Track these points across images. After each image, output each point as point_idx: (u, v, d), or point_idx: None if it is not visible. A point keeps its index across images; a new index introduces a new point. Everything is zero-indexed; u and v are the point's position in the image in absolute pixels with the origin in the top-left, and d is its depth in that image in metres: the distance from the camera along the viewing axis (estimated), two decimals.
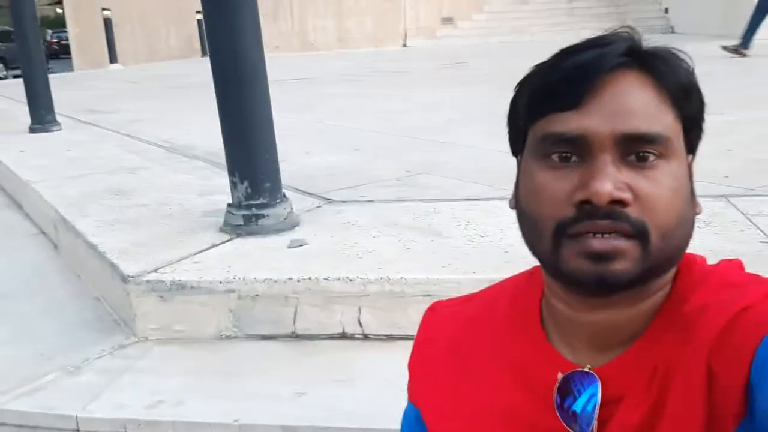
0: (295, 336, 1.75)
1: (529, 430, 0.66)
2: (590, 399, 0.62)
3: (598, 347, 0.63)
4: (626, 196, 0.55)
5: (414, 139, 3.59)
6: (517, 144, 0.65)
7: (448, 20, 14.70)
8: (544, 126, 0.59)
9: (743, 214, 2.00)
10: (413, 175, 2.76)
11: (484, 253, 1.80)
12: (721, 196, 2.17)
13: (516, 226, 0.64)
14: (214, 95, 2.07)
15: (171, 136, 4.03)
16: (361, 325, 1.71)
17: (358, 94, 5.89)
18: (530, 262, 0.66)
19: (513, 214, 0.66)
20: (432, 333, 0.78)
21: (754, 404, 0.53)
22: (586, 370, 0.63)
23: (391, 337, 1.69)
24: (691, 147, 0.63)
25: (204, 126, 4.25)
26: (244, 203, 2.09)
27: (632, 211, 0.56)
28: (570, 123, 0.57)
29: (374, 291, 1.68)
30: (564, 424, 0.63)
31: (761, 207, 2.05)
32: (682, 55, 0.61)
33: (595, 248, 0.56)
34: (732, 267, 0.65)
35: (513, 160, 0.67)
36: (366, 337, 1.71)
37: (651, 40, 0.61)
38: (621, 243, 0.56)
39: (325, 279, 1.71)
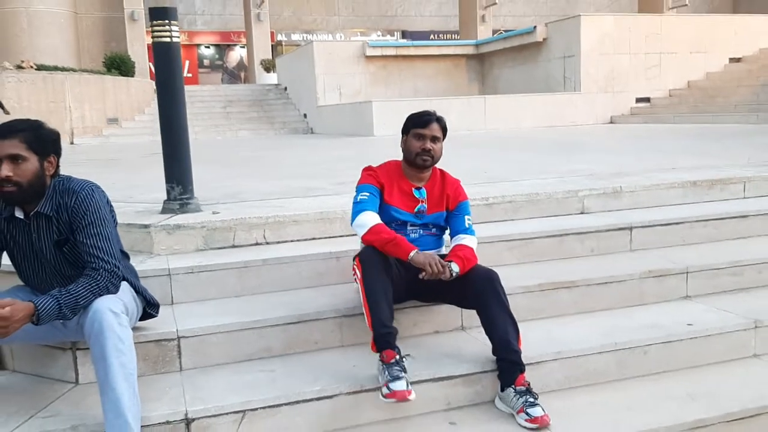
0: (233, 246, 3.82)
1: (408, 202, 3.12)
2: (422, 192, 3.12)
3: (419, 183, 3.16)
4: None
5: (207, 184, 5.67)
6: (405, 133, 3.17)
7: (113, 120, 16.30)
8: (415, 130, 3.12)
9: None
10: (234, 195, 4.90)
11: (318, 206, 4.11)
12: None
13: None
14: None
15: None
16: (265, 238, 3.87)
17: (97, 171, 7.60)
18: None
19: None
20: (374, 169, 3.18)
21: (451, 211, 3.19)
22: (420, 185, 3.13)
23: (278, 242, 3.88)
24: None
25: None
26: (178, 197, 4.06)
27: None
28: (424, 131, 3.10)
29: (272, 222, 3.87)
30: (419, 199, 3.12)
31: None
32: (442, 117, 3.18)
33: (421, 160, 3.11)
34: (446, 173, 3.25)
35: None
36: (267, 243, 3.87)
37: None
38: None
39: (248, 217, 3.84)
